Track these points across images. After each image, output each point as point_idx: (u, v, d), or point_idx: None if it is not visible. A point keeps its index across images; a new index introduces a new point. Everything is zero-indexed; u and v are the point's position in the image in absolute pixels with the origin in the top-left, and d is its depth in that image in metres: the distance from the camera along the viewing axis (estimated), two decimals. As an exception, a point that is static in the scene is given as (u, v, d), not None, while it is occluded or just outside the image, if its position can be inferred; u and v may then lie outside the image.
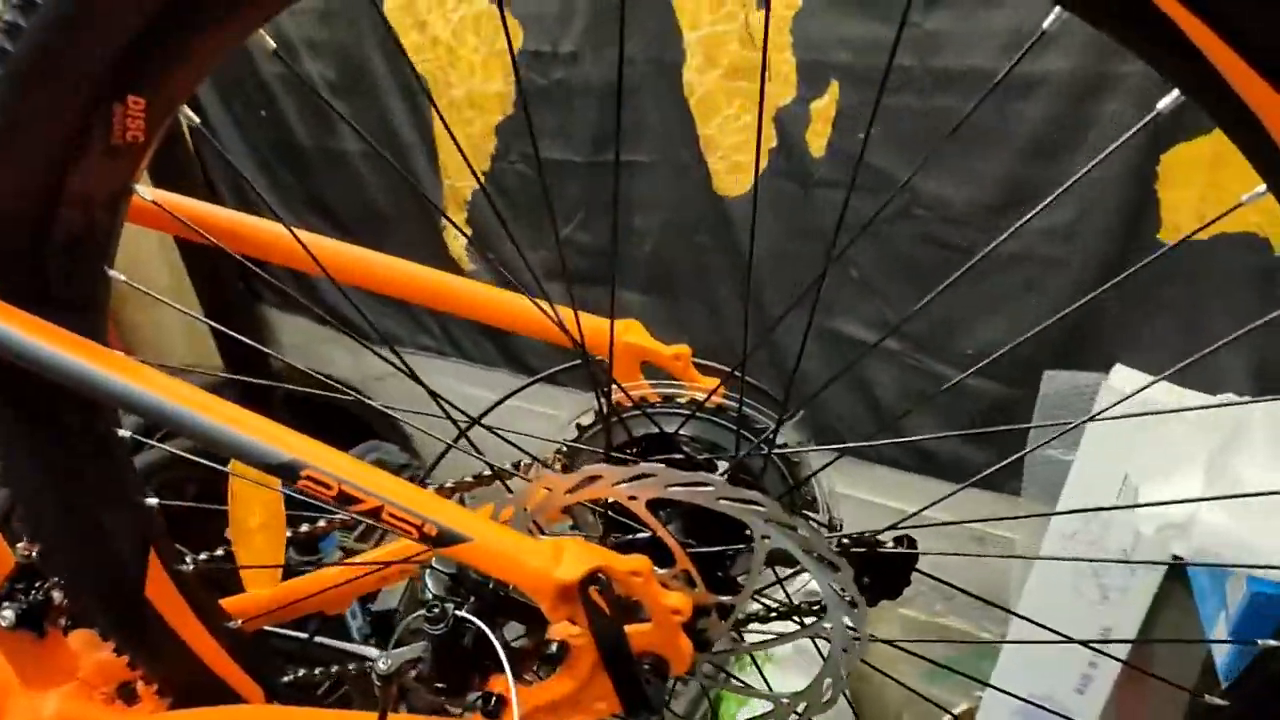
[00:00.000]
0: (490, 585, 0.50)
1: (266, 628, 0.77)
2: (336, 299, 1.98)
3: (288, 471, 0.45)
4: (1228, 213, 0.45)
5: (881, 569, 0.61)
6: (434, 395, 0.56)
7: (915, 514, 0.60)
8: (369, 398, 0.68)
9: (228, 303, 1.79)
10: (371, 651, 0.70)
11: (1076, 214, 1.25)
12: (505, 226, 1.72)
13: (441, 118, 1.67)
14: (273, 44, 0.45)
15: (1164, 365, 1.23)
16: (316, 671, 0.76)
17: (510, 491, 0.51)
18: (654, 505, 0.50)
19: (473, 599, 0.50)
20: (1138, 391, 1.16)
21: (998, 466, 0.65)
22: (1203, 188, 1.16)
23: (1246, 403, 1.18)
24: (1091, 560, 1.27)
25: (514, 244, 1.55)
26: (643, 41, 1.44)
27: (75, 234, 0.48)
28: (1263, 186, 0.40)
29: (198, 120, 0.44)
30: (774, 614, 0.58)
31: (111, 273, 0.51)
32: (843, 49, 1.31)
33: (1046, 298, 1.31)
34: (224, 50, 0.45)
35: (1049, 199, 0.52)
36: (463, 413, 0.60)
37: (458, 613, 0.48)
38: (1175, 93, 0.39)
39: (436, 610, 0.48)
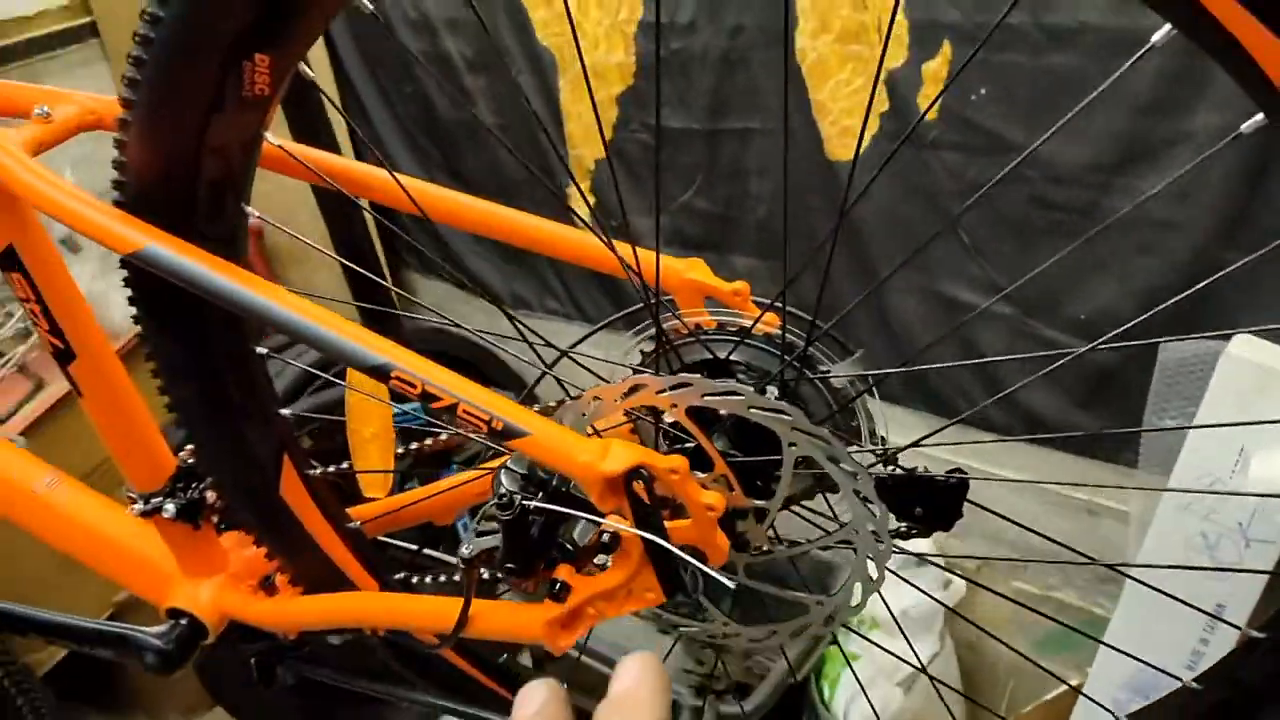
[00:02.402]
0: (554, 483, 0.57)
1: (382, 539, 0.88)
2: (472, 265, 2.11)
3: (381, 372, 0.53)
4: (1221, 145, 0.46)
5: (933, 499, 0.65)
6: (522, 326, 0.63)
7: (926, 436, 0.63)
8: (472, 331, 0.76)
9: (364, 255, 1.95)
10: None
11: (1192, 173, 1.21)
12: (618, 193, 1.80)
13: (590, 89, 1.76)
14: (369, 6, 0.53)
15: (1290, 332, 1.19)
16: (427, 577, 0.85)
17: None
18: (700, 419, 0.56)
19: (540, 494, 0.57)
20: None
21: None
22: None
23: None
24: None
25: (621, 208, 1.62)
26: (756, 8, 1.48)
27: (217, 177, 0.58)
28: (1260, 115, 0.42)
29: (313, 73, 0.53)
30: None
31: (248, 209, 0.60)
32: (954, 7, 1.31)
33: (1161, 260, 1.28)
34: (345, 5, 0.53)
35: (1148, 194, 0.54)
36: (552, 345, 0.67)
37: (524, 502, 0.55)
38: (1259, 116, 0.42)
39: (505, 499, 0.55)
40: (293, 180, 0.73)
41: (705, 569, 0.52)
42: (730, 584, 0.50)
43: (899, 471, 0.61)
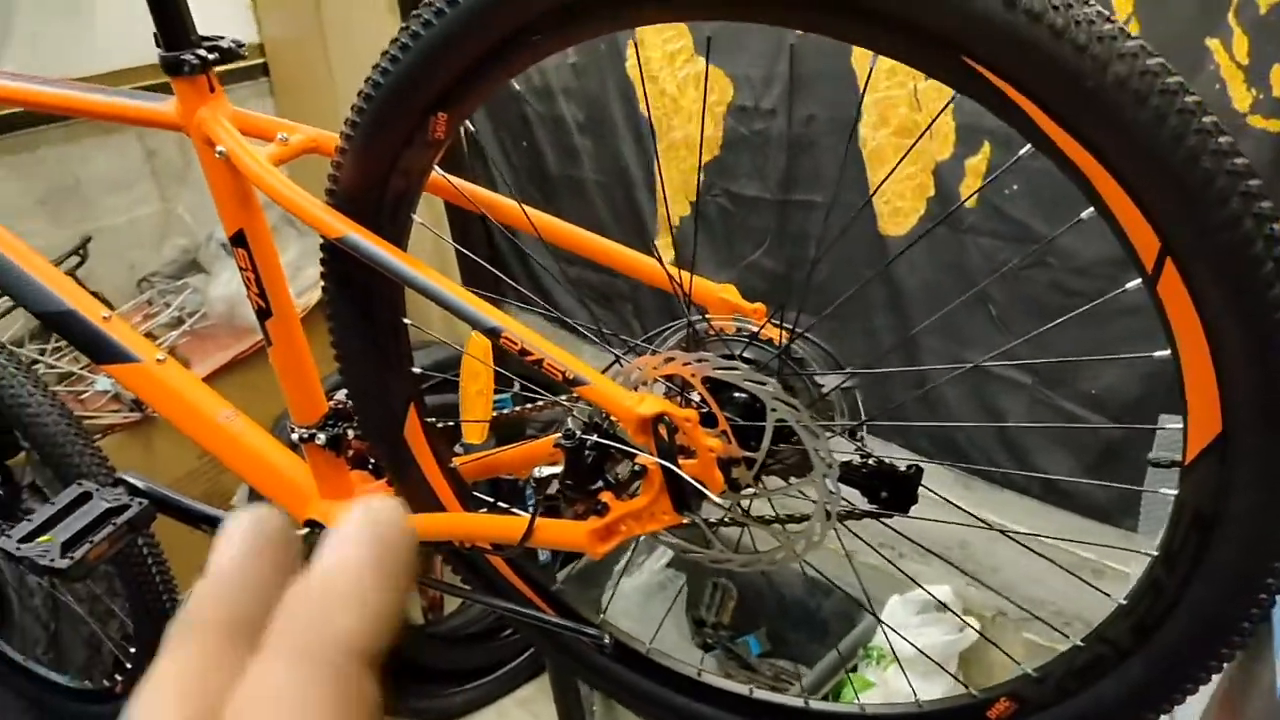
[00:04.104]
0: (605, 428, 0.80)
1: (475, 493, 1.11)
2: (563, 301, 2.38)
3: (494, 333, 0.78)
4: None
5: (894, 484, 0.86)
6: (602, 329, 0.87)
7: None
8: (573, 321, 1.00)
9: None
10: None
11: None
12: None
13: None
14: (517, 86, 0.78)
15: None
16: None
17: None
18: (712, 393, 0.78)
19: (595, 438, 0.80)
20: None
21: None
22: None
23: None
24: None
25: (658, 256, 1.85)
26: (828, 102, 1.72)
27: (400, 191, 0.83)
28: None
29: (474, 128, 0.77)
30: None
31: (415, 218, 0.86)
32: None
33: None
34: (504, 85, 0.78)
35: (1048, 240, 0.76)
36: (625, 341, 0.91)
37: (583, 436, 0.78)
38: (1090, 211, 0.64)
39: (570, 433, 0.78)
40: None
41: (703, 489, 0.74)
42: (722, 505, 0.73)
43: (869, 461, 0.83)
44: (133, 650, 1.40)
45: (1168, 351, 0.67)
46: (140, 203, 2.55)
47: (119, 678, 1.47)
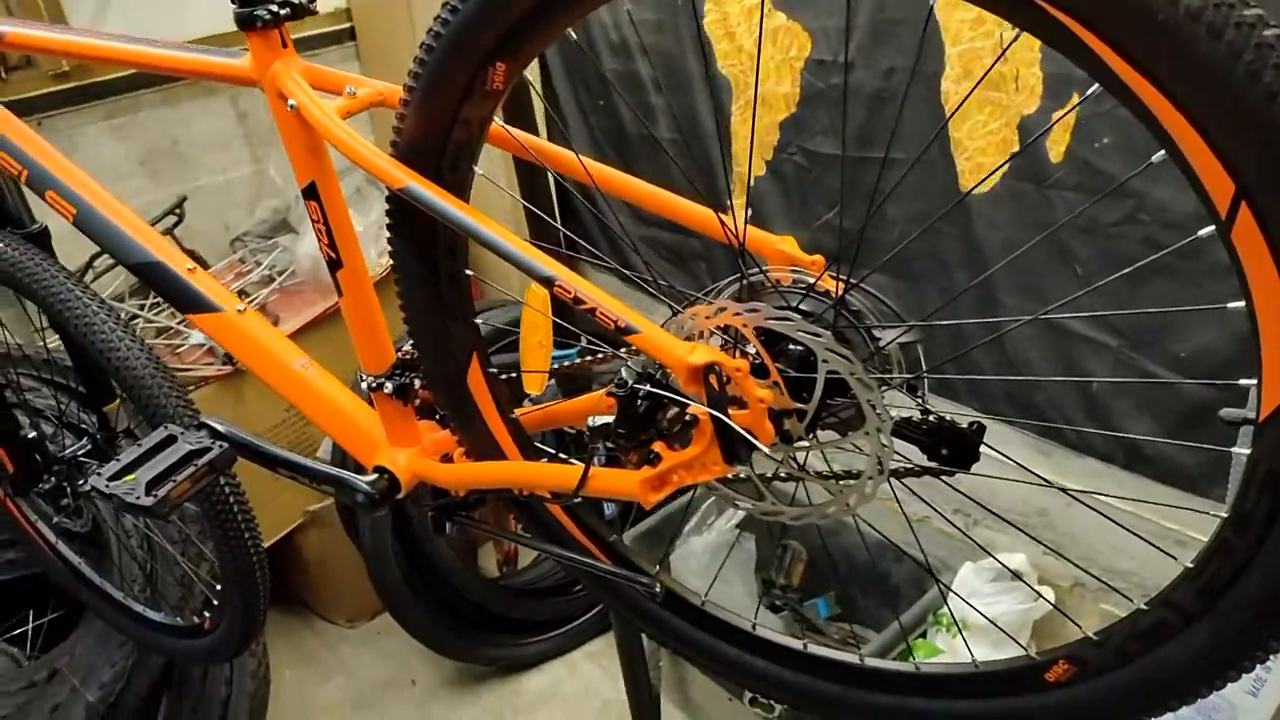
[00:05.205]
0: (658, 377, 0.81)
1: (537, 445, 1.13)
2: (637, 263, 2.38)
3: (548, 281, 0.78)
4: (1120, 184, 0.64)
5: (956, 441, 0.84)
6: (665, 283, 0.87)
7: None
8: (633, 275, 1.00)
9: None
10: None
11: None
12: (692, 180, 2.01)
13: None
14: (574, 36, 0.79)
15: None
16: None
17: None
18: (766, 345, 0.78)
19: (647, 387, 0.81)
20: None
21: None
22: None
23: None
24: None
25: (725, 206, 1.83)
26: (907, 54, 1.67)
27: (460, 142, 0.84)
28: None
29: (531, 80, 0.78)
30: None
31: (476, 169, 0.87)
32: (1084, 65, 1.46)
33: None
34: (559, 34, 0.78)
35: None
36: (685, 293, 0.91)
37: (635, 386, 0.79)
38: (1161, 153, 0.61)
39: (622, 381, 0.79)
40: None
41: (753, 440, 0.74)
42: (772, 456, 0.72)
43: (929, 417, 0.82)
44: (219, 588, 1.47)
45: (1242, 303, 0.63)
46: (234, 164, 2.64)
47: (208, 615, 1.55)
